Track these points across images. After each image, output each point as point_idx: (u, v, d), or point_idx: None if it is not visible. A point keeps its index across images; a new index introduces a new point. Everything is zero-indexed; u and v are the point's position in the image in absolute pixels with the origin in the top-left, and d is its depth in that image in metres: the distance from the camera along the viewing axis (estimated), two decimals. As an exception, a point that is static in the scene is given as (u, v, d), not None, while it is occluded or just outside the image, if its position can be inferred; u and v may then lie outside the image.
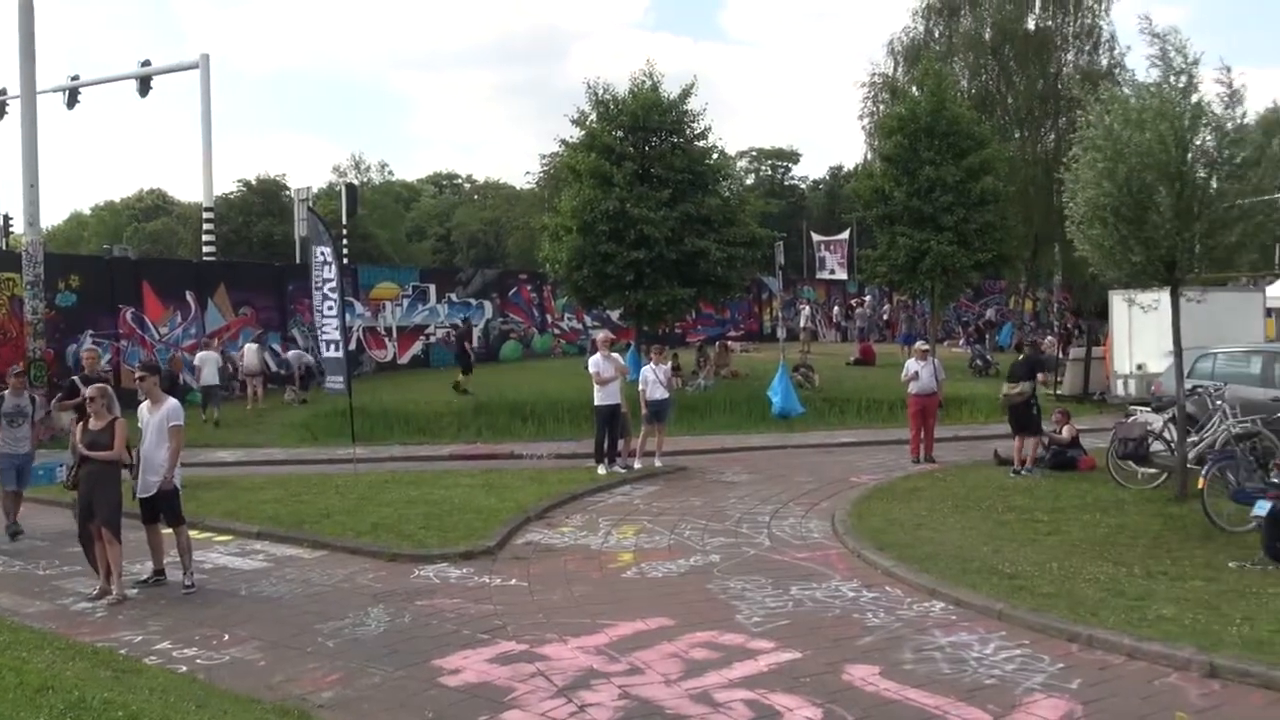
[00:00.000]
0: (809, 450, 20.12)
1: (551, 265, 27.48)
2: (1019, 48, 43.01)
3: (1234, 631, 7.93)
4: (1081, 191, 12.93)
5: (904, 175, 30.60)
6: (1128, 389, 23.01)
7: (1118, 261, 13.00)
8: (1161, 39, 12.78)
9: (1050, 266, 46.67)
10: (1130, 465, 14.59)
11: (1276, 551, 9.92)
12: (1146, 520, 12.21)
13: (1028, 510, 13.07)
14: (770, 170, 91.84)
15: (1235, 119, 12.70)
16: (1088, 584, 9.51)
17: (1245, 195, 12.67)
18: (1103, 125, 12.71)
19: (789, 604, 9.48)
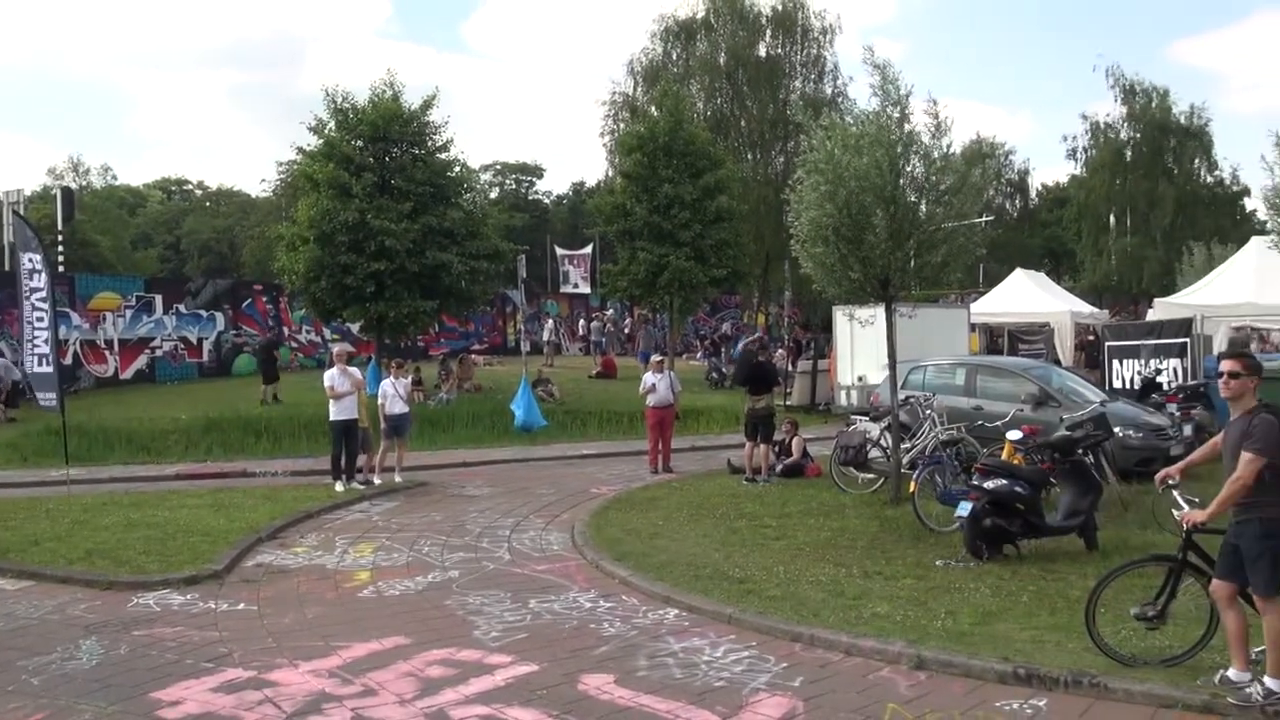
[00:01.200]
0: (551, 463, 20.26)
1: (288, 276, 26.57)
2: (751, 74, 44.90)
3: (939, 625, 8.51)
4: (805, 212, 13.62)
5: (644, 192, 31.32)
6: (850, 399, 24.34)
7: (838, 278, 13.77)
8: (881, 70, 13.65)
9: (781, 282, 48.84)
10: (851, 471, 15.44)
11: (977, 548, 10.72)
12: (865, 523, 12.95)
13: (758, 517, 13.60)
14: (514, 184, 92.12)
15: (942, 148, 13.69)
16: (811, 586, 9.98)
17: (949, 219, 13.67)
18: (825, 150, 13.43)
19: (527, 617, 9.49)
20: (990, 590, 9.60)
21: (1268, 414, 6.51)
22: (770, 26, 46.12)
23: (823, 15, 46.51)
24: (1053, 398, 15.75)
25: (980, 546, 10.73)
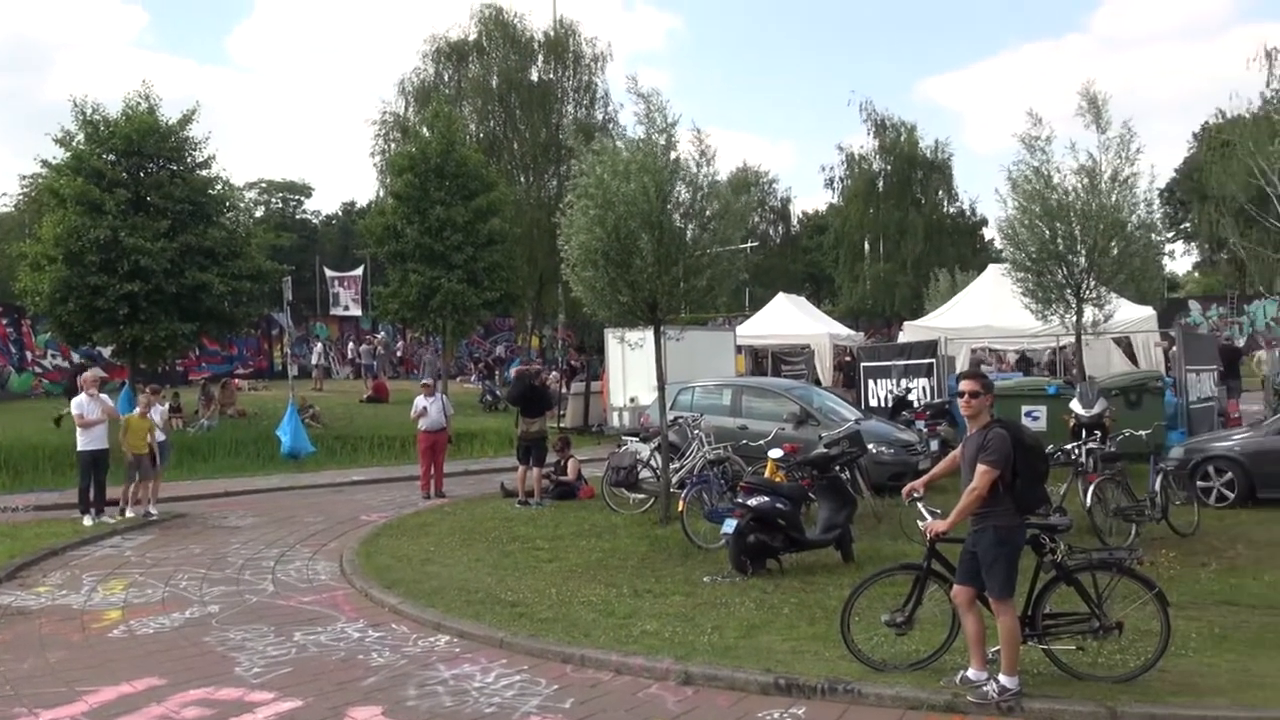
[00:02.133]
0: (320, 490, 19.69)
1: (31, 298, 24.84)
2: (524, 97, 45.07)
3: (706, 640, 8.74)
4: (575, 236, 13.79)
5: (415, 214, 30.90)
6: (622, 421, 24.71)
7: (608, 302, 14.00)
8: (646, 99, 13.99)
9: (555, 305, 49.13)
10: (623, 492, 15.67)
11: (742, 564, 11.08)
12: (636, 543, 13.16)
13: (530, 540, 13.62)
14: (281, 203, 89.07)
15: (707, 175, 14.14)
16: (583, 606, 10.07)
17: (714, 244, 14.13)
18: (595, 175, 13.66)
19: (292, 651, 9.18)
20: (754, 604, 9.93)
21: (1000, 429, 7.01)
22: (543, 51, 46.44)
23: (594, 42, 47.23)
24: (813, 417, 16.45)
25: (745, 562, 11.09)
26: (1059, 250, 16.40)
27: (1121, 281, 17.24)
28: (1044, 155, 16.58)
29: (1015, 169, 16.85)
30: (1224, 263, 62.70)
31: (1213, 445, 14.80)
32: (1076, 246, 16.43)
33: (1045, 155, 16.58)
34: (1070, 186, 16.47)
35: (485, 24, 46.26)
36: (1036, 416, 17.84)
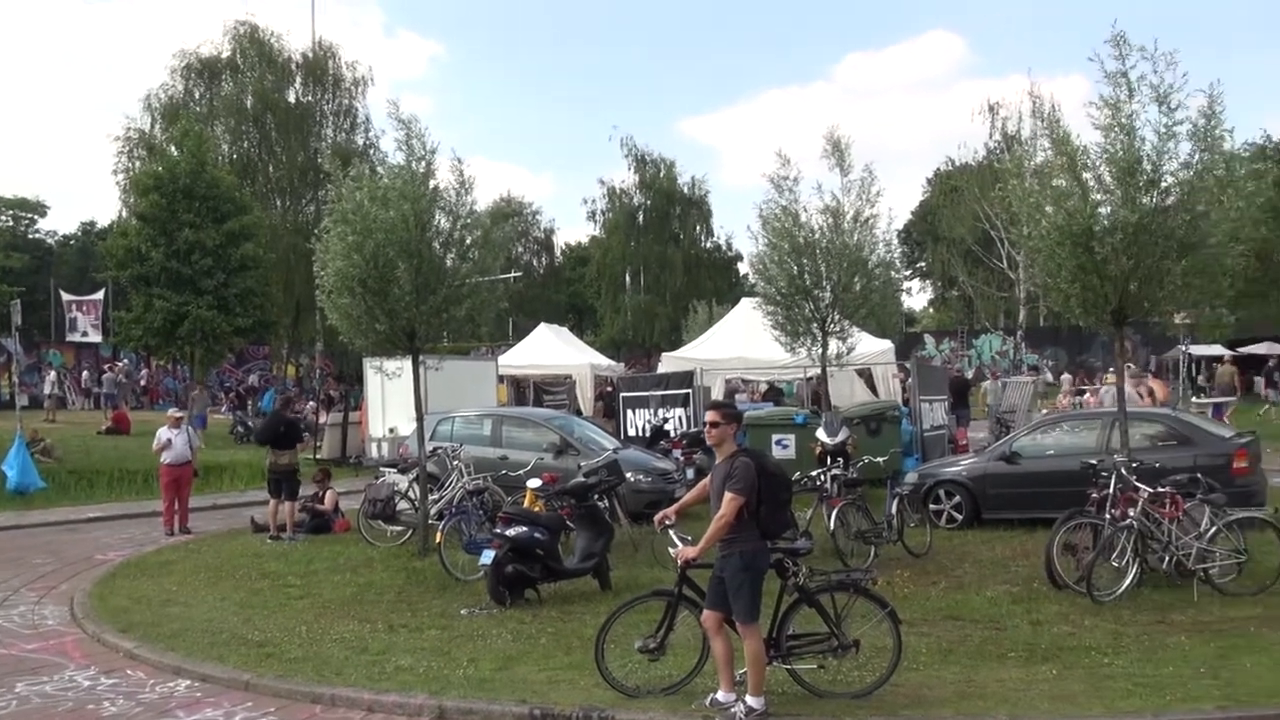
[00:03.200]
0: (50, 529, 18.36)
1: None
2: (280, 119, 43.82)
3: (461, 674, 8.66)
4: (331, 262, 13.48)
5: (162, 236, 29.52)
6: (381, 451, 24.18)
7: (364, 330, 13.74)
8: (406, 125, 13.84)
9: (312, 333, 47.74)
10: (380, 525, 15.33)
11: (500, 595, 11.03)
12: (392, 576, 12.91)
13: (281, 576, 13.15)
14: (11, 221, 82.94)
15: (467, 204, 14.11)
16: (335, 644, 9.80)
17: (474, 273, 14.10)
18: (353, 200, 13.40)
19: (13, 703, 8.53)
20: (511, 635, 9.91)
21: (746, 457, 7.29)
22: (301, 73, 45.33)
23: (355, 66, 46.50)
24: (573, 446, 16.58)
25: (503, 593, 11.06)
26: (806, 285, 17.17)
27: (863, 316, 18.21)
28: (792, 195, 17.35)
29: (766, 207, 17.57)
30: (955, 299, 67.24)
31: (943, 470, 15.81)
32: (822, 282, 17.26)
33: (793, 195, 17.36)
34: (816, 225, 17.30)
35: (239, 41, 44.79)
36: (786, 444, 18.56)
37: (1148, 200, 10.78)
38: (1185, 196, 10.76)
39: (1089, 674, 8.18)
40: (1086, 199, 10.95)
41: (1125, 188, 10.83)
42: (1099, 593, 10.35)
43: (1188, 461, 12.96)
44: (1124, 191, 10.82)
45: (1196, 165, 10.74)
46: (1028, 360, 49.80)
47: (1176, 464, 12.59)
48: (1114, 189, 10.97)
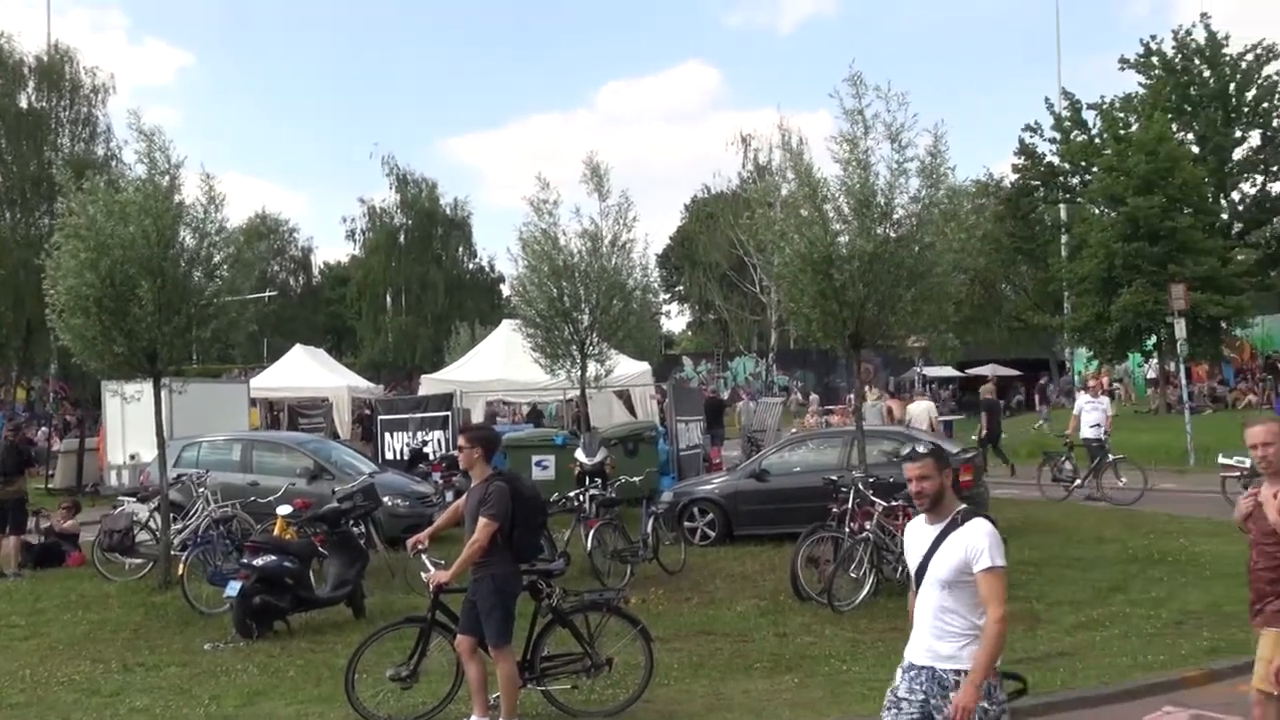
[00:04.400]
0: None
1: None
2: (11, 125, 40.92)
3: (202, 712, 8.28)
4: (63, 280, 12.66)
5: None
6: (121, 480, 22.88)
7: (100, 352, 12.95)
8: (148, 137, 13.19)
9: (46, 354, 44.58)
10: (117, 557, 14.48)
11: (247, 628, 10.61)
12: (129, 612, 12.20)
13: (4, 616, 12.24)
14: None
15: (216, 221, 13.54)
16: (63, 687, 9.18)
17: (223, 293, 13.56)
18: (87, 215, 12.65)
19: None
20: (258, 669, 9.54)
21: (501, 482, 7.29)
22: (34, 77, 42.39)
23: (94, 72, 43.79)
24: (327, 471, 16.16)
25: (250, 625, 10.65)
26: (566, 308, 17.39)
27: (622, 338, 18.59)
28: (551, 218, 17.56)
29: (526, 230, 17.71)
30: (712, 323, 69.35)
31: (697, 489, 16.26)
32: (581, 305, 17.52)
33: (553, 218, 17.57)
34: (575, 249, 17.56)
35: (-38, 40, 41.48)
36: (546, 466, 18.65)
37: (881, 231, 11.51)
38: (914, 228, 11.54)
39: (828, 681, 8.58)
40: (826, 228, 11.58)
41: (861, 219, 11.52)
42: (839, 603, 10.88)
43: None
44: (860, 222, 11.51)
45: (924, 199, 11.55)
46: (779, 381, 51.90)
47: (910, 479, 13.38)
48: (851, 219, 11.65)
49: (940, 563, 4.78)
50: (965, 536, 4.74)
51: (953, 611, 4.75)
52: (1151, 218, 30.11)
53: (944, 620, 4.77)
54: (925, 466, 4.81)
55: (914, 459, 4.85)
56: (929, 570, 4.83)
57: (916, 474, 4.83)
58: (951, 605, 4.75)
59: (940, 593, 4.78)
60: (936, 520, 4.86)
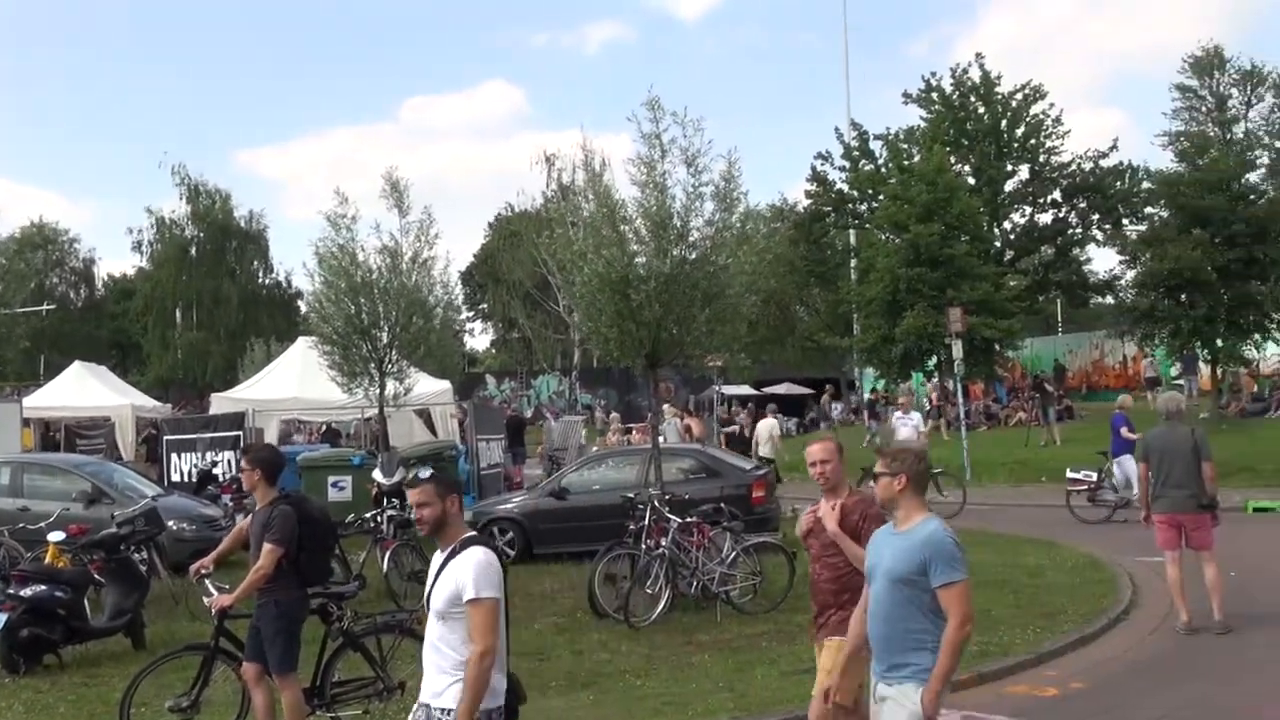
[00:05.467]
0: None
1: None
2: None
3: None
4: None
5: None
6: None
7: None
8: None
9: None
10: None
11: (13, 662, 9.96)
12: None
13: None
14: None
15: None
16: None
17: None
18: None
19: None
20: (25, 707, 8.99)
21: (286, 505, 7.08)
22: None
23: None
24: (107, 494, 15.36)
25: (16, 660, 10.00)
26: (364, 325, 17.12)
27: (422, 356, 18.40)
28: (350, 233, 17.25)
29: (323, 245, 17.35)
30: (516, 341, 69.25)
31: (497, 508, 16.23)
32: (380, 322, 17.28)
33: (351, 233, 17.27)
34: (374, 265, 17.31)
35: None
36: (342, 486, 18.24)
37: (677, 252, 11.80)
38: (709, 250, 11.87)
39: (623, 697, 8.70)
40: (624, 249, 11.79)
41: (658, 240, 11.78)
42: (635, 619, 11.05)
43: (715, 492, 14.19)
44: (657, 244, 11.78)
45: (718, 223, 11.90)
46: (582, 400, 52.20)
47: (705, 495, 13.74)
48: (649, 241, 11.90)
49: (437, 594, 4.63)
50: (457, 567, 4.57)
51: (445, 644, 4.59)
52: (931, 244, 31.68)
53: (437, 654, 4.62)
54: (424, 493, 4.67)
55: (414, 484, 4.74)
56: (430, 602, 4.68)
57: (415, 500, 4.69)
58: (444, 638, 4.60)
59: (437, 625, 4.64)
60: (444, 548, 4.73)
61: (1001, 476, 24.66)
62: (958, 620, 4.61)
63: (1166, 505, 10.27)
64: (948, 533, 4.77)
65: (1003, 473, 24.94)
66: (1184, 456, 10.18)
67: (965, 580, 4.68)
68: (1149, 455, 10.46)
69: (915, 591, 4.69)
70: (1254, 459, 20.68)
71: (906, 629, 4.72)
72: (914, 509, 4.85)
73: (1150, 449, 10.48)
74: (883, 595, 4.81)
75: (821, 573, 6.06)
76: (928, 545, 4.69)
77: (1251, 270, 26.55)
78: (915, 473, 4.87)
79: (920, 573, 4.67)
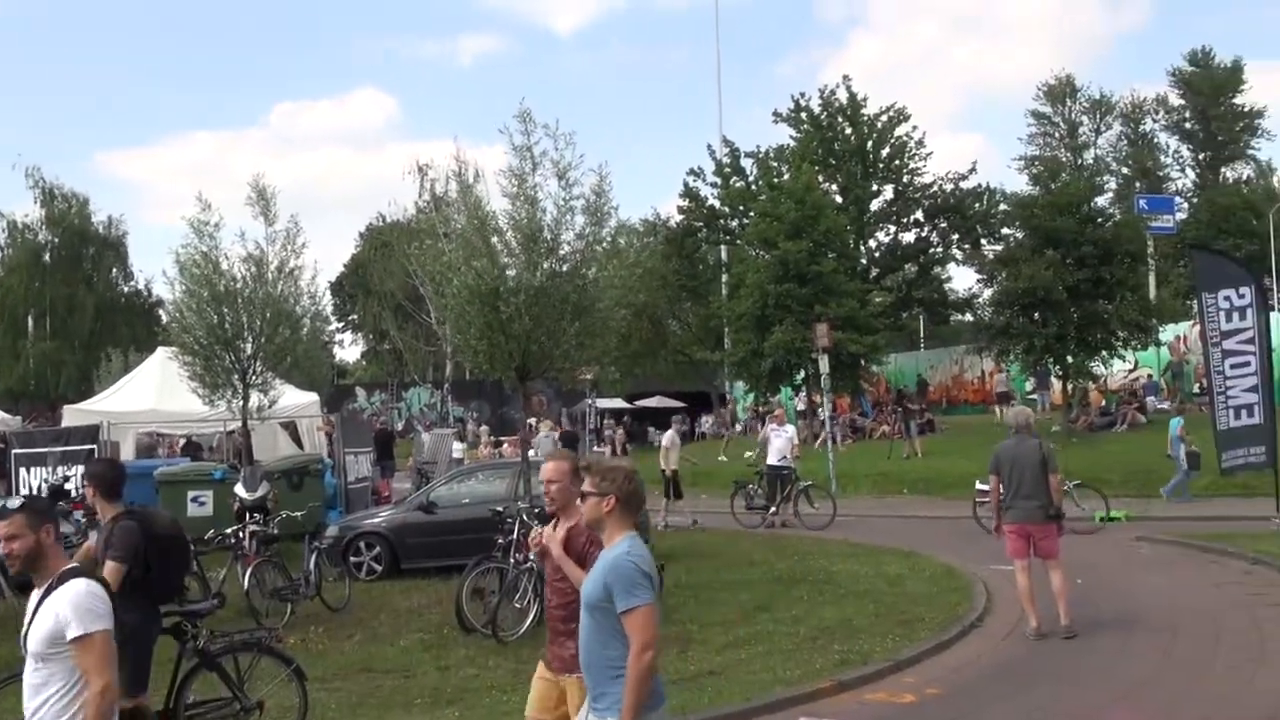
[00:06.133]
0: None
1: None
2: None
3: None
4: None
5: None
6: None
7: None
8: None
9: None
10: None
11: None
12: None
13: None
14: None
15: None
16: None
17: None
18: None
19: None
20: None
21: (130, 520, 6.66)
22: None
23: None
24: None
25: None
26: (227, 336, 16.70)
27: (288, 367, 18.01)
28: (214, 241, 16.82)
29: (185, 252, 16.87)
30: (387, 353, 68.27)
31: (363, 522, 15.94)
32: (244, 332, 16.86)
33: (215, 241, 16.84)
34: (239, 274, 16.90)
35: None
36: (203, 502, 17.70)
37: (548, 265, 11.83)
38: (579, 264, 11.93)
39: (489, 712, 8.65)
40: (495, 262, 11.77)
41: (529, 253, 11.81)
42: (504, 633, 10.98)
43: (585, 506, 14.17)
44: (527, 256, 11.80)
45: (589, 236, 11.97)
46: (454, 412, 51.71)
47: (575, 508, 13.72)
48: (519, 254, 11.90)
49: (34, 634, 4.29)
50: (56, 602, 4.26)
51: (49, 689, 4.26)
52: (800, 261, 32.33)
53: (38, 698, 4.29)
54: (14, 525, 4.34)
55: (2, 516, 4.43)
56: (26, 643, 4.32)
57: (4, 534, 4.36)
58: (47, 683, 4.27)
59: (36, 669, 4.30)
60: (40, 584, 4.40)
61: (866, 488, 25.26)
62: (637, 648, 4.29)
63: (1016, 515, 10.68)
64: (633, 555, 4.43)
65: (867, 484, 25.55)
66: (1033, 468, 10.60)
67: (646, 605, 4.35)
68: (999, 467, 10.85)
69: (608, 618, 4.41)
70: (1101, 470, 21.55)
71: (606, 657, 4.46)
72: (617, 531, 4.57)
73: (1001, 461, 10.86)
74: (585, 622, 4.55)
75: (551, 598, 5.65)
76: (611, 569, 4.41)
77: (1099, 290, 27.74)
78: (625, 494, 4.57)
79: (607, 598, 4.38)
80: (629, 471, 4.68)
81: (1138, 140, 72.85)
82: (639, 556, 4.44)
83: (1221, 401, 17.74)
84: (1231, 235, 56.02)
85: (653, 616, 4.36)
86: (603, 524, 4.61)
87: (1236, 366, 17.64)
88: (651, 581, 4.43)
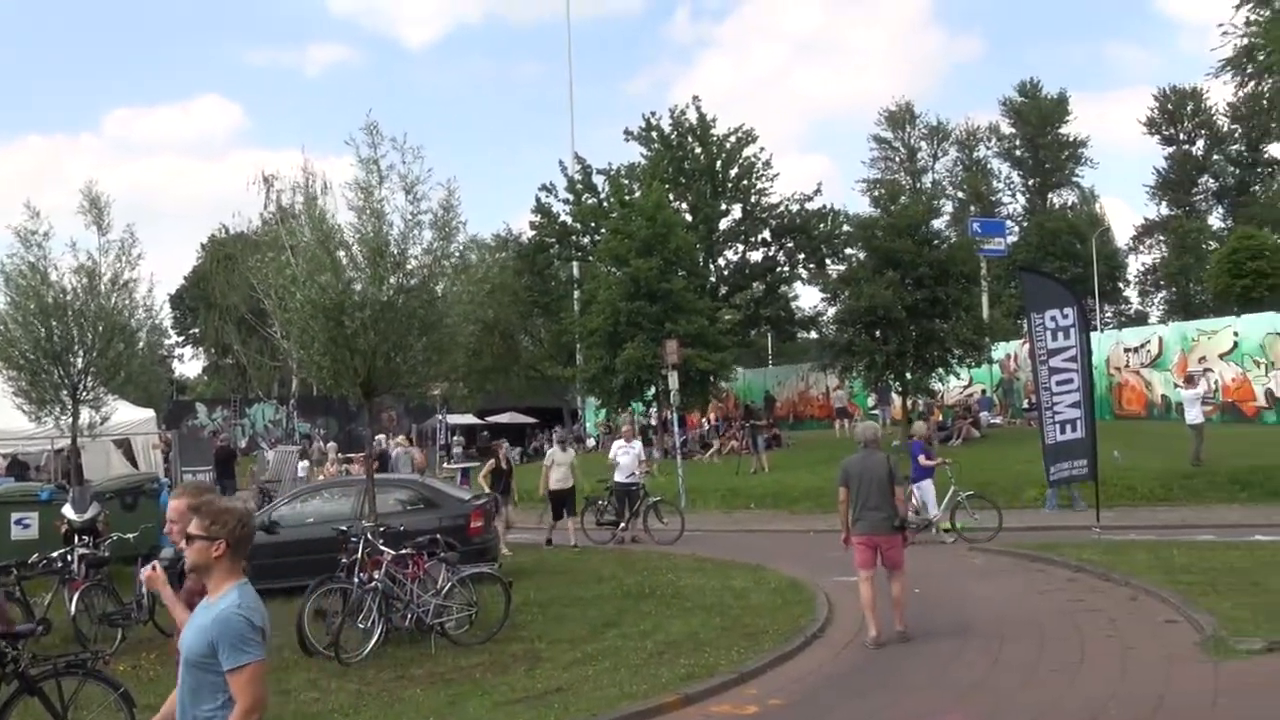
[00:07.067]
0: None
1: None
2: None
3: None
4: None
5: None
6: None
7: None
8: None
9: None
10: None
11: None
12: None
13: None
14: None
15: None
16: None
17: None
18: None
19: None
20: None
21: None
22: None
23: None
24: None
25: None
26: (56, 350, 15.98)
27: (122, 382, 17.33)
28: (41, 251, 16.08)
29: (10, 263, 16.10)
30: (229, 368, 66.23)
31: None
32: (74, 347, 16.17)
33: (43, 251, 16.10)
34: (69, 285, 16.21)
35: None
36: (28, 524, 16.86)
37: (394, 280, 11.69)
38: (426, 278, 11.83)
39: (330, 736, 8.48)
40: (339, 276, 11.57)
41: (375, 267, 11.64)
42: (347, 655, 10.78)
43: (433, 524, 14.02)
44: (373, 271, 11.62)
45: (436, 251, 11.88)
46: (300, 429, 50.47)
47: (422, 526, 13.57)
48: (365, 268, 11.72)
49: None
50: None
51: None
52: (651, 278, 32.64)
53: None
54: None
55: None
56: None
57: None
58: None
59: None
60: None
61: (714, 503, 25.59)
62: (243, 708, 3.98)
63: (864, 527, 11.02)
64: (243, 609, 4.08)
65: (715, 499, 25.89)
66: (879, 481, 10.97)
67: (255, 663, 4.03)
68: (849, 480, 11.16)
69: (209, 676, 4.06)
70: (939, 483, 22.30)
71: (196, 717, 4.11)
72: (225, 579, 4.18)
73: (849, 474, 11.17)
74: (182, 678, 4.17)
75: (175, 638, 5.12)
76: (216, 624, 4.04)
77: (935, 309, 28.79)
78: (236, 539, 4.20)
79: (211, 654, 4.03)
80: (242, 514, 4.34)
81: (972, 166, 76.18)
82: (249, 609, 4.10)
83: (1049, 417, 18.60)
84: (1058, 258, 59.13)
85: (262, 674, 4.05)
86: (210, 571, 4.19)
87: (1062, 383, 18.53)
88: (263, 635, 4.11)
